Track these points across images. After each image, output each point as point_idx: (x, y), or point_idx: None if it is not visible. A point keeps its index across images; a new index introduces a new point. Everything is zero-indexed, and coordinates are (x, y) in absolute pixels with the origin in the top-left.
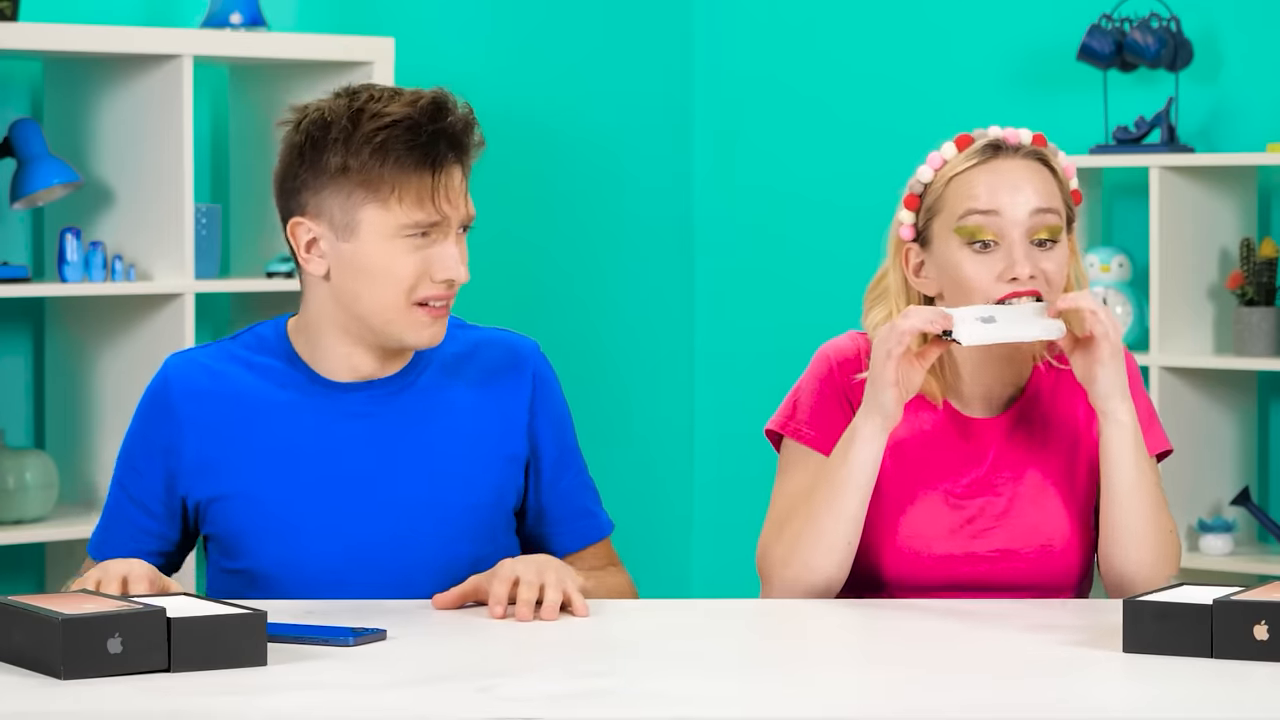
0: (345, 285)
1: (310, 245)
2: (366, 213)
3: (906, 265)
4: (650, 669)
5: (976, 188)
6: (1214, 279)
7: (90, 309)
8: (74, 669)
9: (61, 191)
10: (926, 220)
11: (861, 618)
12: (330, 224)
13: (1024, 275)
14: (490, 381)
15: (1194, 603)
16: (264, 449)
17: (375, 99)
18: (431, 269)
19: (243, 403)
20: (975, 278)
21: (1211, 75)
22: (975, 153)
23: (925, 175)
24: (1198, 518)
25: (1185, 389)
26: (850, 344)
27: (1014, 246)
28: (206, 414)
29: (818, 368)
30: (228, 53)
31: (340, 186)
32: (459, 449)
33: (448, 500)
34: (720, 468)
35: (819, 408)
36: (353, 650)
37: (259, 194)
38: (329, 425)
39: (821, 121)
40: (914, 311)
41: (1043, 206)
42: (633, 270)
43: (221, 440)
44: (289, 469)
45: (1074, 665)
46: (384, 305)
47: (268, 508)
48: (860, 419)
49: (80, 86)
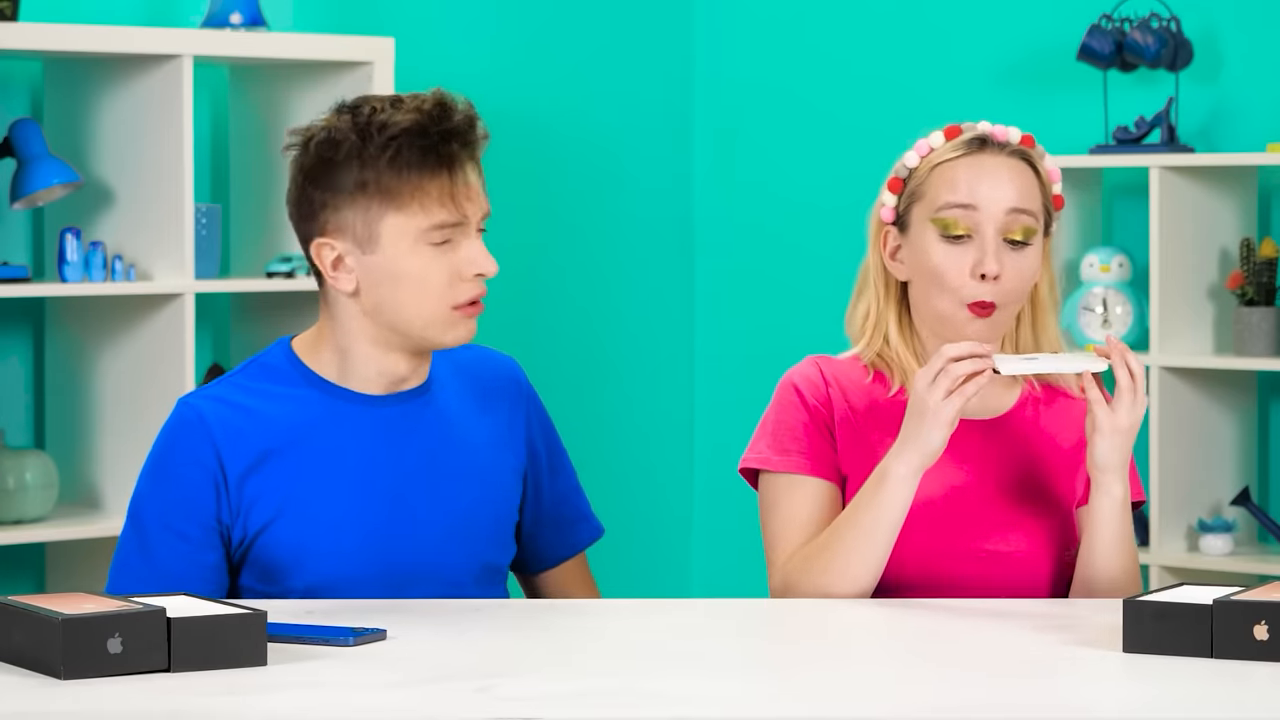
0: (381, 297)
1: (336, 263)
2: (388, 223)
3: (884, 248)
4: (651, 669)
5: (957, 180)
6: (1214, 279)
7: (90, 309)
8: (74, 669)
9: (61, 191)
10: (907, 205)
11: (861, 618)
12: (354, 239)
13: (992, 271)
14: (490, 395)
15: (1194, 603)
16: (307, 469)
17: (379, 110)
18: (461, 269)
19: (276, 428)
20: (945, 269)
21: (1212, 75)
22: (962, 144)
23: (911, 160)
24: (1198, 518)
25: (1185, 389)
26: (812, 369)
27: (986, 241)
28: (244, 443)
29: (784, 396)
30: (228, 53)
31: (358, 202)
32: (482, 457)
33: (482, 507)
34: (720, 468)
35: (793, 434)
36: (353, 650)
37: (259, 194)
38: (367, 438)
39: (822, 122)
40: (953, 349)
41: (1019, 207)
42: (632, 271)
43: (264, 468)
44: (335, 485)
45: (1073, 665)
46: (423, 312)
47: (318, 528)
48: (894, 461)
49: (80, 86)
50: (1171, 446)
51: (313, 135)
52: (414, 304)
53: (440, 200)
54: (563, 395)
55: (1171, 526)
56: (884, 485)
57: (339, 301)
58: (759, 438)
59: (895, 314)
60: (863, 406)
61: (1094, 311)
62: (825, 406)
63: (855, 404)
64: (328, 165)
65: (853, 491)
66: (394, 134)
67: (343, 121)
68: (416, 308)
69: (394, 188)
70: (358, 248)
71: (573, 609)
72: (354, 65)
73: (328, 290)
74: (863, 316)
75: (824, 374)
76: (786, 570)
